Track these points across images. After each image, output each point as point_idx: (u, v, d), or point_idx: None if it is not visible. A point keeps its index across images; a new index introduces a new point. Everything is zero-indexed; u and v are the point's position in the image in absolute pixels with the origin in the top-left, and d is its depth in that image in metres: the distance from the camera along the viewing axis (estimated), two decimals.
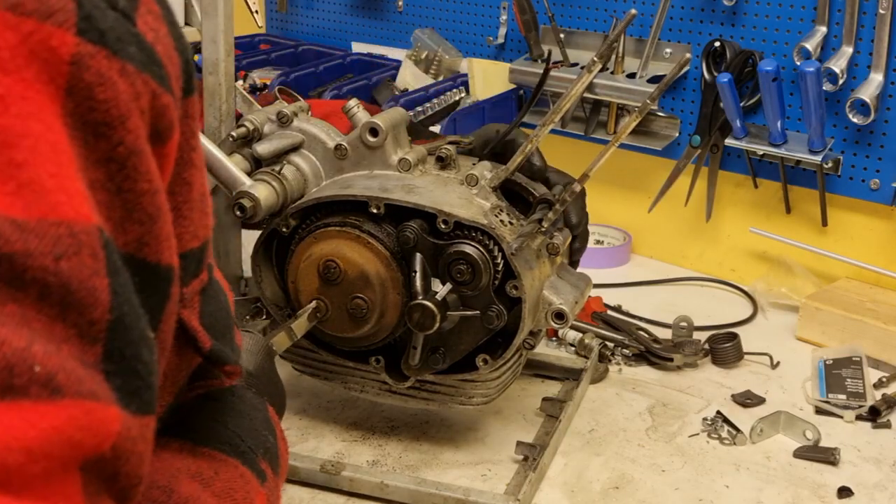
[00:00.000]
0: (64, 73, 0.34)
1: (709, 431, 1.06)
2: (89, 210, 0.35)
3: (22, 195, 0.32)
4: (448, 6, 1.65)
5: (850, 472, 0.99)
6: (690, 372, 1.19)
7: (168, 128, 0.40)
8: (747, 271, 1.44)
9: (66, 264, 0.33)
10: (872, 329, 1.21)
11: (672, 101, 1.45)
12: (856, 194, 1.32)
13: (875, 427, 1.08)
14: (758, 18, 1.34)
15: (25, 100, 0.33)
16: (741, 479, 0.98)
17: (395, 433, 1.05)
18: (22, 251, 0.32)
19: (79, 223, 0.34)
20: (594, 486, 0.97)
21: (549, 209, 0.92)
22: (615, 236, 1.55)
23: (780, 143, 1.31)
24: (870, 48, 1.24)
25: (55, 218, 0.33)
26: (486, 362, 0.93)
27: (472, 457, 1.01)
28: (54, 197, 0.33)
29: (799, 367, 1.20)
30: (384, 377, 0.98)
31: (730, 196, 1.44)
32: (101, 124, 0.36)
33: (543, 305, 0.92)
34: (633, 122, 0.89)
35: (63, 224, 0.33)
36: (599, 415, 1.10)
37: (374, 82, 1.60)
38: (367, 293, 0.91)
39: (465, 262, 0.89)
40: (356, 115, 0.96)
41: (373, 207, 0.91)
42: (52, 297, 0.33)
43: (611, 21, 1.47)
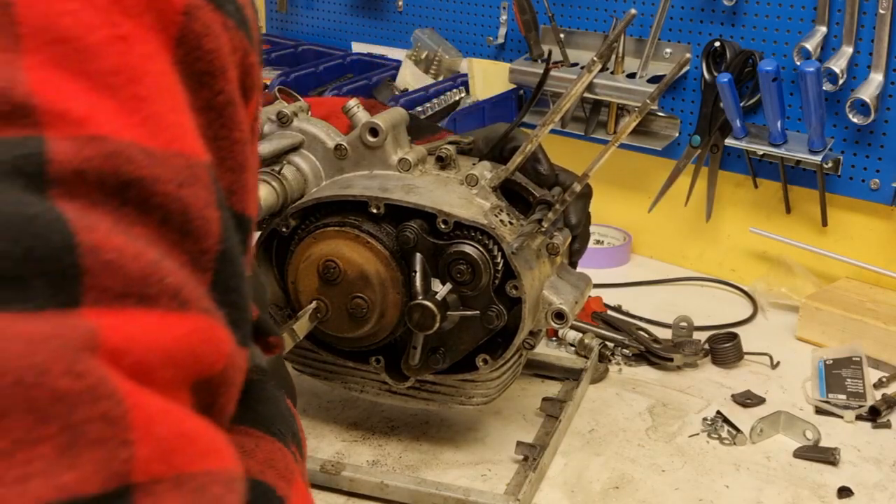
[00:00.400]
0: (177, 22, 0.36)
1: (709, 431, 1.06)
2: (201, 147, 0.37)
3: (147, 126, 0.34)
4: (448, 6, 1.65)
5: (850, 472, 0.99)
6: (690, 372, 1.19)
7: (251, 87, 0.42)
8: (747, 271, 1.44)
9: (186, 192, 0.35)
10: (872, 329, 1.21)
11: (672, 101, 1.45)
12: (856, 194, 1.32)
13: (875, 427, 1.08)
14: (758, 18, 1.34)
15: (145, 43, 0.35)
16: (741, 479, 0.98)
17: (395, 433, 1.05)
18: (150, 177, 0.34)
19: (194, 157, 0.36)
20: (594, 486, 0.97)
21: (548, 209, 0.92)
22: (615, 236, 1.55)
23: (780, 143, 1.31)
24: (870, 48, 1.24)
25: (175, 149, 0.35)
26: (486, 362, 0.93)
27: (472, 457, 1.01)
28: (173, 131, 0.35)
29: (799, 367, 1.20)
30: (384, 377, 0.98)
31: (730, 196, 1.44)
32: (204, 73, 0.38)
33: (543, 305, 0.92)
34: (633, 122, 0.89)
35: (182, 156, 0.35)
36: (599, 415, 1.10)
37: (374, 82, 1.60)
38: (367, 293, 0.91)
39: (465, 262, 0.89)
40: (356, 115, 0.96)
41: (373, 207, 0.91)
42: (172, 223, 0.35)
43: (611, 21, 1.47)
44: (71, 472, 0.28)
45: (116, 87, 0.34)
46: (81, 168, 0.32)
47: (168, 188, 0.34)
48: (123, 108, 0.34)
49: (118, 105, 0.34)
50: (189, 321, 0.34)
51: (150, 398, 0.31)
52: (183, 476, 0.31)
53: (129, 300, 0.32)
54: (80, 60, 0.33)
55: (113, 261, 0.32)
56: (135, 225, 0.33)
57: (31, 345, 0.29)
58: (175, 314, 0.33)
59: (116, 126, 0.33)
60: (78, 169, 0.32)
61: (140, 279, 0.32)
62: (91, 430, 0.29)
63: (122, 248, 0.32)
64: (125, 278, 0.32)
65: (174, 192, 0.34)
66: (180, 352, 0.33)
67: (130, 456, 0.30)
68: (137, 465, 0.30)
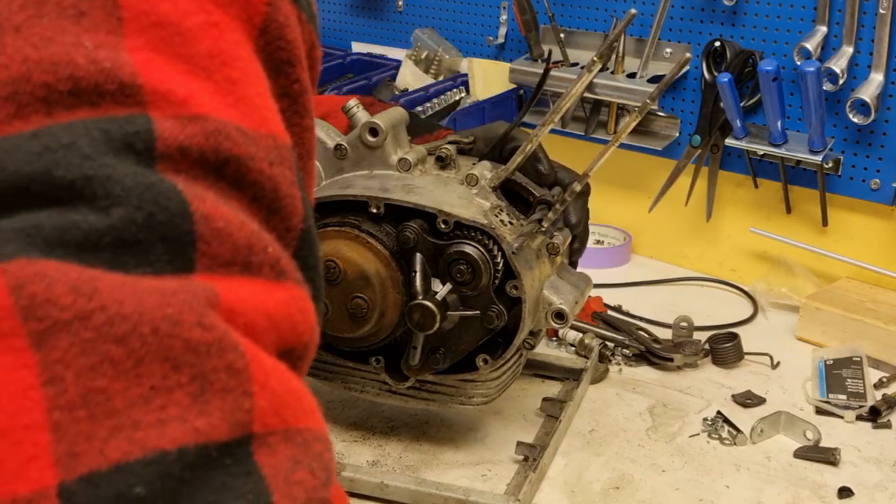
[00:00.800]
0: (262, 13, 0.38)
1: (709, 432, 1.06)
2: (284, 130, 0.39)
3: (239, 108, 0.36)
4: (448, 6, 1.65)
5: (850, 473, 0.99)
6: (691, 372, 1.19)
7: (314, 80, 0.43)
8: (747, 271, 1.44)
9: (276, 171, 0.37)
10: (873, 329, 1.20)
11: (672, 101, 1.45)
12: (856, 194, 1.32)
13: (875, 427, 1.07)
14: (758, 18, 1.34)
15: (234, 31, 0.37)
16: (741, 480, 0.98)
17: (395, 433, 1.05)
18: (246, 155, 0.35)
19: (281, 138, 0.38)
20: (594, 486, 0.97)
21: (548, 209, 0.92)
22: (615, 236, 1.55)
23: (781, 143, 1.31)
24: (870, 48, 1.24)
25: (265, 131, 0.37)
26: (486, 362, 0.93)
27: (472, 457, 1.01)
28: (263, 113, 0.37)
29: (799, 368, 1.20)
30: (384, 377, 0.98)
31: (730, 196, 1.44)
32: (284, 62, 0.40)
33: (543, 305, 0.92)
34: (634, 121, 0.89)
35: (271, 136, 0.37)
36: (600, 415, 1.09)
37: (374, 82, 1.60)
38: (367, 293, 0.91)
39: (466, 262, 0.89)
40: (356, 114, 0.96)
41: (373, 207, 0.91)
42: (263, 200, 0.36)
43: (611, 21, 1.47)
44: (202, 419, 0.30)
45: (211, 70, 0.36)
46: (185, 145, 0.34)
47: (261, 166, 0.36)
48: (219, 90, 0.36)
49: (214, 86, 0.36)
50: (286, 290, 0.36)
51: (263, 355, 0.33)
52: (291, 430, 0.33)
53: (235, 268, 0.34)
54: (178, 44, 0.35)
55: (222, 229, 0.33)
56: (230, 199, 0.35)
57: (165, 297, 0.31)
58: (274, 283, 0.35)
59: (214, 106, 0.35)
60: (182, 146, 0.33)
61: (245, 248, 0.34)
62: (218, 379, 0.31)
63: (228, 217, 0.34)
64: (233, 246, 0.34)
65: (267, 171, 0.36)
66: (281, 318, 0.35)
67: (252, 406, 0.31)
68: (256, 415, 0.32)
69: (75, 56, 0.33)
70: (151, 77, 0.34)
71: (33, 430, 0.28)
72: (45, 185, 0.31)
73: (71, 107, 0.32)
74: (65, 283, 0.29)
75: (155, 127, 0.33)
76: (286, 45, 0.39)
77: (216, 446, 0.30)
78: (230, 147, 0.35)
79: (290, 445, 0.33)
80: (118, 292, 0.30)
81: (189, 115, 0.34)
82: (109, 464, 0.28)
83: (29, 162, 0.31)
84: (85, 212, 0.31)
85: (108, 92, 0.33)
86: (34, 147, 0.31)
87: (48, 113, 0.32)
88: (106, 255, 0.31)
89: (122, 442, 0.29)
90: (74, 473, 0.28)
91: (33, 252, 0.30)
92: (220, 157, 0.35)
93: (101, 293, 0.30)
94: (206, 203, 0.33)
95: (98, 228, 0.31)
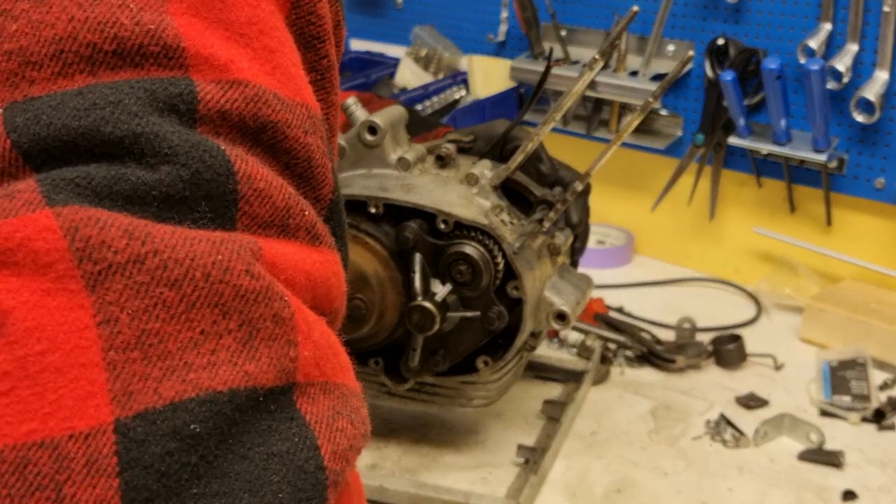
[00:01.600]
0: None
1: (712, 434, 1.05)
2: (317, 103, 0.39)
3: (276, 76, 0.37)
4: (448, 3, 1.64)
5: (854, 475, 0.98)
6: (693, 374, 1.18)
7: (339, 57, 0.44)
8: (751, 272, 1.43)
9: (310, 140, 0.37)
10: (877, 330, 1.19)
11: (675, 100, 1.44)
12: (860, 194, 1.30)
13: (880, 429, 1.06)
14: (761, 16, 1.33)
15: (269, 2, 0.38)
16: (745, 482, 0.97)
17: (395, 436, 1.04)
18: (283, 121, 0.36)
19: (313, 109, 0.38)
20: (596, 489, 0.95)
21: (549, 209, 0.91)
22: (617, 236, 1.54)
23: (784, 142, 1.30)
24: (875, 46, 1.23)
25: (300, 100, 0.37)
26: (486, 364, 0.92)
27: (472, 460, 1.00)
28: (297, 82, 0.38)
29: (803, 369, 1.18)
30: (383, 379, 0.97)
31: (733, 195, 1.43)
32: (314, 38, 0.40)
33: (545, 306, 0.91)
34: (636, 120, 0.88)
35: (305, 106, 0.37)
36: (601, 417, 1.08)
37: (372, 80, 1.59)
38: (366, 294, 0.90)
39: (466, 262, 0.88)
40: (354, 113, 0.95)
41: (372, 207, 0.90)
42: (296, 168, 0.37)
43: (613, 18, 1.46)
44: (252, 363, 0.31)
45: (250, 37, 0.36)
46: (226, 109, 0.34)
47: (296, 133, 0.36)
48: (257, 57, 0.36)
49: (253, 53, 0.36)
50: (321, 254, 0.37)
51: (306, 308, 0.34)
52: (330, 384, 0.34)
53: (273, 230, 0.35)
54: (219, 9, 0.36)
55: (263, 189, 0.34)
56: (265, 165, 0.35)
57: (214, 245, 0.31)
58: (310, 246, 0.36)
59: (254, 72, 0.36)
60: (223, 110, 0.34)
61: (284, 210, 0.35)
62: (265, 327, 0.32)
63: (269, 178, 0.34)
64: (272, 208, 0.34)
65: (301, 139, 0.37)
66: (318, 278, 0.36)
67: (297, 356, 0.32)
68: (300, 364, 0.33)
69: (120, 17, 0.33)
70: (194, 41, 0.34)
71: (89, 368, 0.28)
72: (94, 140, 0.31)
73: (115, 67, 0.33)
74: (118, 228, 0.30)
75: (197, 90, 0.34)
76: (316, 19, 0.40)
77: (264, 391, 0.31)
78: (268, 113, 0.35)
79: (329, 397, 0.34)
80: (170, 238, 0.31)
81: (230, 79, 0.35)
82: (164, 402, 0.29)
83: (77, 118, 0.31)
84: (133, 167, 0.32)
85: (151, 54, 0.33)
86: (81, 103, 0.32)
87: (92, 73, 0.33)
88: (153, 209, 0.32)
89: (176, 382, 0.29)
90: (131, 411, 0.28)
91: (83, 201, 0.30)
92: (258, 123, 0.35)
93: (154, 238, 0.30)
94: (249, 164, 0.34)
95: (146, 182, 0.31)
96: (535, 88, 1.00)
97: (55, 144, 0.31)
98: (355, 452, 0.34)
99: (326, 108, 0.41)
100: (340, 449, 0.33)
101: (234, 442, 0.30)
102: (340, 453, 0.33)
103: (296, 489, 0.31)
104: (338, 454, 0.33)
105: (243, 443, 0.30)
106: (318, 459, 0.32)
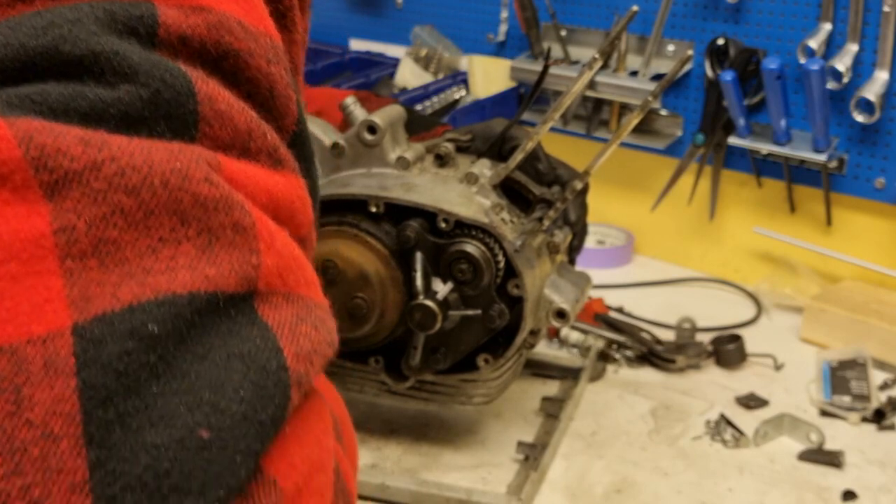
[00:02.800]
0: None
1: (712, 434, 1.05)
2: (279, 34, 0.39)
3: (240, 3, 0.36)
4: (448, 3, 1.64)
5: (854, 475, 0.98)
6: (693, 374, 1.18)
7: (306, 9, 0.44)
8: (751, 271, 1.43)
9: (273, 69, 0.37)
10: (877, 330, 1.19)
11: (675, 100, 1.43)
12: (861, 194, 1.30)
13: (880, 429, 1.06)
14: (761, 16, 1.33)
15: None
16: (745, 483, 0.97)
17: (394, 436, 1.04)
18: (246, 49, 0.36)
19: (276, 39, 0.38)
20: (596, 489, 0.95)
21: (549, 208, 0.91)
22: (617, 236, 1.54)
23: (784, 142, 1.30)
24: (875, 46, 1.23)
25: (263, 29, 0.37)
26: (487, 362, 0.92)
27: (471, 459, 1.00)
28: (260, 11, 0.37)
29: (803, 369, 1.18)
30: (383, 377, 0.97)
31: (733, 195, 1.43)
32: None
33: (544, 304, 0.91)
34: (635, 118, 0.88)
35: (268, 36, 0.37)
36: (601, 417, 1.08)
37: (372, 80, 1.59)
38: (367, 293, 0.90)
39: (467, 260, 0.88)
40: (353, 112, 0.95)
41: (372, 206, 0.89)
42: (258, 97, 0.36)
43: (613, 18, 1.46)
44: (212, 268, 0.31)
45: None
46: (187, 34, 0.34)
47: (259, 63, 0.36)
48: None
49: None
50: (285, 178, 0.36)
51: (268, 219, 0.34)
52: (293, 294, 0.34)
53: (234, 151, 0.34)
54: None
55: (224, 111, 0.34)
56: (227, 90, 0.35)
57: (172, 153, 0.31)
58: (271, 170, 0.36)
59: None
60: (184, 35, 0.34)
61: (245, 132, 0.35)
62: (225, 234, 0.31)
63: (230, 101, 0.34)
64: (233, 129, 0.34)
65: (264, 68, 0.36)
66: (280, 199, 0.36)
67: (258, 263, 0.32)
68: (262, 273, 0.33)
69: None
70: None
71: (46, 275, 0.28)
72: (52, 59, 0.31)
73: None
74: (73, 136, 0.29)
75: (158, 13, 0.34)
76: None
77: (224, 296, 0.31)
78: (231, 41, 0.35)
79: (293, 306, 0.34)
80: (127, 145, 0.30)
81: (193, 5, 0.34)
82: (122, 305, 0.29)
83: (35, 36, 0.31)
84: (92, 85, 0.31)
85: None
86: (39, 22, 0.32)
87: None
88: (110, 126, 0.31)
89: (134, 286, 0.29)
90: (88, 314, 0.28)
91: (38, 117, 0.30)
92: (220, 50, 0.35)
93: (111, 145, 0.30)
94: (210, 85, 0.34)
95: (104, 100, 0.31)
96: (532, 87, 1.00)
97: (12, 66, 0.31)
98: (320, 357, 0.35)
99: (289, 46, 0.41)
100: (304, 351, 0.33)
101: (194, 343, 0.30)
102: (304, 355, 0.33)
103: (258, 386, 0.30)
104: (301, 356, 0.33)
105: (203, 344, 0.30)
106: (280, 359, 0.32)
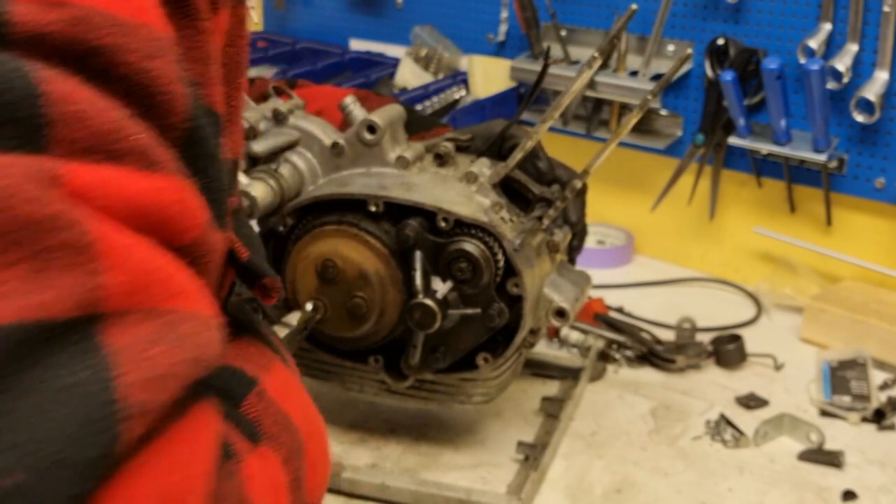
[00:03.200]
0: None
1: (712, 434, 1.04)
2: (165, 23, 0.37)
3: None
4: (448, 3, 1.64)
5: (854, 475, 0.98)
6: (693, 374, 1.18)
7: None
8: (751, 272, 1.42)
9: (151, 65, 0.35)
10: (877, 330, 1.19)
11: (675, 100, 1.43)
12: (861, 194, 1.30)
13: (880, 429, 1.06)
14: (761, 16, 1.33)
15: None
16: (745, 483, 0.97)
17: (394, 435, 1.04)
18: (116, 45, 0.34)
19: (160, 31, 0.36)
20: (596, 489, 0.95)
21: (548, 207, 0.91)
22: (617, 236, 1.54)
23: (785, 142, 1.30)
24: (875, 46, 1.22)
25: (142, 20, 0.35)
26: (486, 361, 0.92)
27: (471, 459, 1.00)
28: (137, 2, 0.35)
29: (803, 369, 1.18)
30: (383, 376, 0.97)
31: (733, 195, 1.43)
32: None
33: (544, 303, 0.91)
34: (634, 117, 0.88)
35: (148, 27, 0.35)
36: (601, 417, 1.08)
37: (373, 80, 1.59)
38: (366, 292, 0.90)
39: (466, 259, 0.87)
40: (352, 112, 0.95)
41: (372, 205, 0.89)
42: (136, 95, 0.35)
43: (612, 18, 1.46)
44: (43, 294, 0.29)
45: None
46: (43, 32, 0.32)
47: (132, 58, 0.34)
48: None
49: None
50: (157, 180, 0.34)
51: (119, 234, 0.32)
52: (155, 311, 0.33)
53: (97, 155, 0.33)
54: None
55: (76, 112, 0.32)
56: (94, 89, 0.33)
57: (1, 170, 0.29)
58: (142, 172, 0.34)
59: None
60: (40, 33, 0.32)
61: (106, 133, 0.33)
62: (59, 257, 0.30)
63: (88, 101, 0.33)
64: (92, 132, 0.32)
65: (139, 63, 0.34)
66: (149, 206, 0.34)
67: (99, 285, 0.31)
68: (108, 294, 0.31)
69: None
70: None
71: None
72: None
73: None
74: None
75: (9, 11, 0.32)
76: None
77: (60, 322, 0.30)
78: (97, 36, 0.33)
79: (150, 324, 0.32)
80: None
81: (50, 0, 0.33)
82: None
83: None
84: None
85: None
86: None
87: None
88: None
89: None
90: None
91: None
92: (85, 47, 0.33)
93: None
94: (61, 84, 0.32)
95: None
96: (532, 86, 1.00)
97: None
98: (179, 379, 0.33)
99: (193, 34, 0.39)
100: (154, 376, 0.31)
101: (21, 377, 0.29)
102: (154, 380, 0.31)
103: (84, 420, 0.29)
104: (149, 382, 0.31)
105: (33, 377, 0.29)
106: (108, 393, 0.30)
